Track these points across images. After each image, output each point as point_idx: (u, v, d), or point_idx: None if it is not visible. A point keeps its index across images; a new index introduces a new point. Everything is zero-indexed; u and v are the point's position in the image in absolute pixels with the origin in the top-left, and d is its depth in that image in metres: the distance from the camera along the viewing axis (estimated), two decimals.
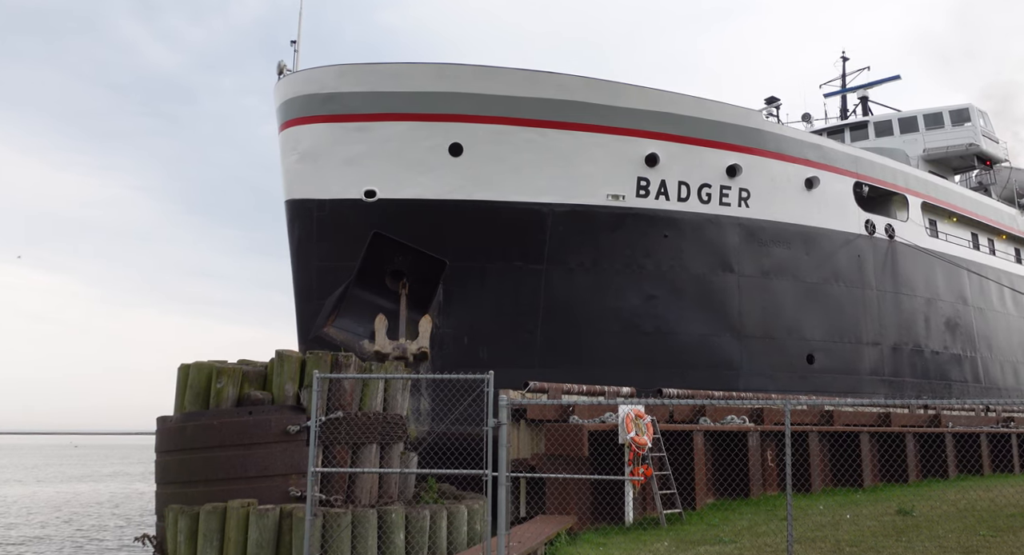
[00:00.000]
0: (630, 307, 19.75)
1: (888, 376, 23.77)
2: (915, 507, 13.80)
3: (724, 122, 21.32)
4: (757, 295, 21.41)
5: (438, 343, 18.50)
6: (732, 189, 21.36)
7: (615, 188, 19.85)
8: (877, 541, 10.60)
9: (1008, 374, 28.83)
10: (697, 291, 20.58)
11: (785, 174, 22.59)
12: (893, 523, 12.23)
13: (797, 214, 22.63)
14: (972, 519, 12.63)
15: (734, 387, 19.88)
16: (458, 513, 10.98)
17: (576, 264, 19.45)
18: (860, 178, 24.81)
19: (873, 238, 24.41)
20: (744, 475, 15.29)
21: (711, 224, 21.02)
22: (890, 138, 33.91)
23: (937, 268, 26.42)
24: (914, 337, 25.05)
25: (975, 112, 34.61)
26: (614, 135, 19.91)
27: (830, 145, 24.77)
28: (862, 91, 39.11)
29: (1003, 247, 32.09)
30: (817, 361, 22.05)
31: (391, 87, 18.62)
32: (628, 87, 20.18)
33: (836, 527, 11.84)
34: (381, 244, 18.63)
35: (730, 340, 20.84)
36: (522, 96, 18.97)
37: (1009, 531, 11.37)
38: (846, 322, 23.22)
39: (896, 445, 19.22)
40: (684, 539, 11.00)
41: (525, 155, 19.06)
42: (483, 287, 18.91)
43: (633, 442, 12.21)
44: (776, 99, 30.78)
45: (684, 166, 20.62)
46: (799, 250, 22.51)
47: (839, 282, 23.29)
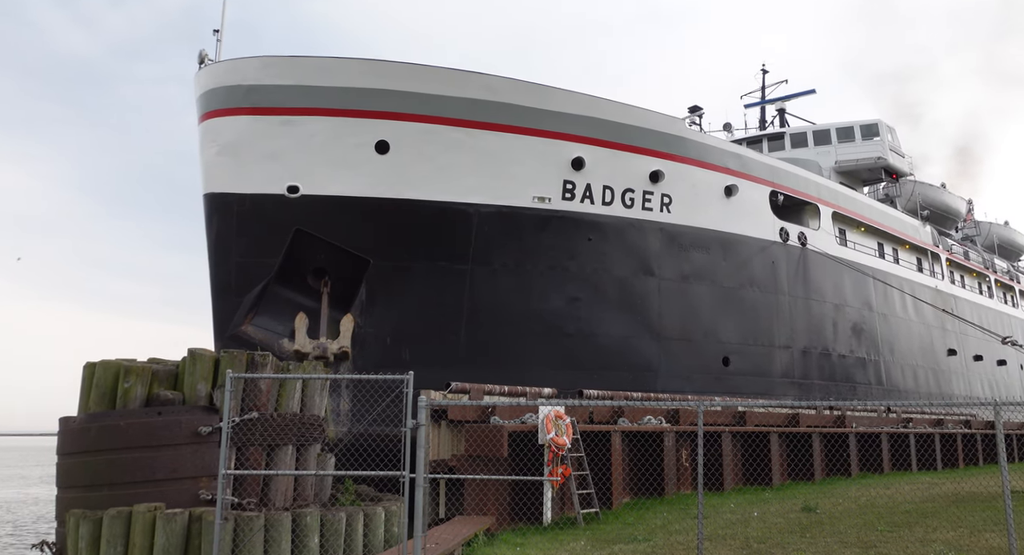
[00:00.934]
0: (553, 309, 19.94)
1: (798, 378, 24.71)
2: (819, 504, 14.39)
3: (649, 129, 21.77)
4: (676, 299, 21.94)
5: (360, 343, 18.27)
6: (655, 194, 21.82)
7: (541, 190, 20.01)
8: (783, 537, 11.01)
9: (908, 377, 30.36)
10: (619, 294, 20.94)
11: (706, 181, 23.22)
12: (798, 520, 12.73)
13: (716, 220, 23.29)
14: (872, 515, 13.25)
15: (653, 388, 20.32)
16: (375, 515, 10.87)
17: (501, 265, 19.52)
18: (776, 187, 25.71)
19: (787, 245, 25.34)
20: (660, 474, 15.65)
21: (634, 228, 21.42)
22: (805, 149, 35.29)
23: (845, 275, 27.61)
24: (823, 341, 26.12)
25: (884, 127, 36.36)
26: (541, 138, 20.08)
27: (749, 155, 25.58)
28: (780, 103, 40.61)
29: (906, 256, 33.79)
30: (732, 363, 22.74)
31: (317, 81, 18.30)
32: (556, 90, 20.39)
33: (745, 524, 12.24)
34: (303, 241, 18.27)
35: (650, 342, 21.29)
36: (450, 95, 18.93)
37: (905, 526, 11.99)
38: (760, 326, 24.02)
39: (803, 445, 20.00)
40: (600, 538, 11.18)
41: (452, 155, 19.02)
42: (407, 287, 18.77)
43: (553, 443, 12.34)
44: (699, 108, 31.62)
45: (609, 170, 20.95)
46: (717, 255, 23.17)
47: (754, 287, 24.07)
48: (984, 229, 49.22)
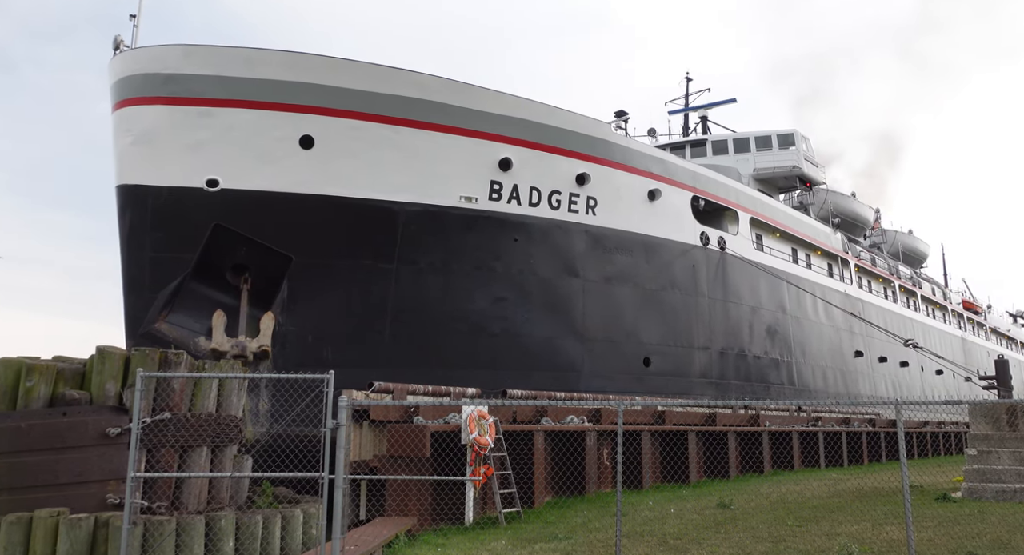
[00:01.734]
0: (479, 309, 19.96)
1: (715, 378, 25.43)
2: (734, 501, 14.85)
3: (576, 131, 22.03)
4: (600, 300, 22.27)
5: (280, 342, 17.88)
6: (581, 197, 22.10)
7: (468, 190, 20.00)
8: (699, 533, 11.33)
9: (818, 377, 31.65)
10: (544, 295, 21.12)
11: (630, 185, 23.66)
12: (714, 516, 13.11)
13: (640, 224, 23.75)
14: (782, 511, 13.77)
15: (576, 388, 20.57)
16: (293, 517, 10.65)
17: (427, 264, 19.42)
18: (698, 192, 26.41)
19: (707, 249, 26.05)
20: (581, 473, 15.86)
21: (559, 230, 21.64)
22: (725, 156, 36.39)
23: (761, 279, 28.58)
24: (739, 342, 26.97)
25: (799, 137, 37.83)
26: (470, 137, 20.07)
27: (672, 160, 26.20)
28: (703, 111, 41.77)
29: (818, 262, 35.22)
30: (653, 364, 23.23)
31: (240, 72, 17.80)
32: (485, 91, 20.41)
33: (663, 521, 12.53)
34: (222, 236, 17.75)
35: (574, 343, 21.55)
36: (379, 92, 18.71)
37: (813, 521, 12.50)
38: (680, 327, 24.62)
39: (720, 443, 20.62)
40: (521, 537, 11.25)
41: (379, 152, 18.82)
42: (330, 285, 18.47)
43: (475, 442, 12.35)
44: (625, 112, 32.13)
45: (536, 172, 21.10)
46: (640, 258, 23.64)
47: (675, 290, 24.66)
48: (890, 237, 51.80)
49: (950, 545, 10.13)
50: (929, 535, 10.85)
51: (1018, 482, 15.35)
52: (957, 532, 11.10)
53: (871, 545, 10.15)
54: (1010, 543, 10.24)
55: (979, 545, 10.01)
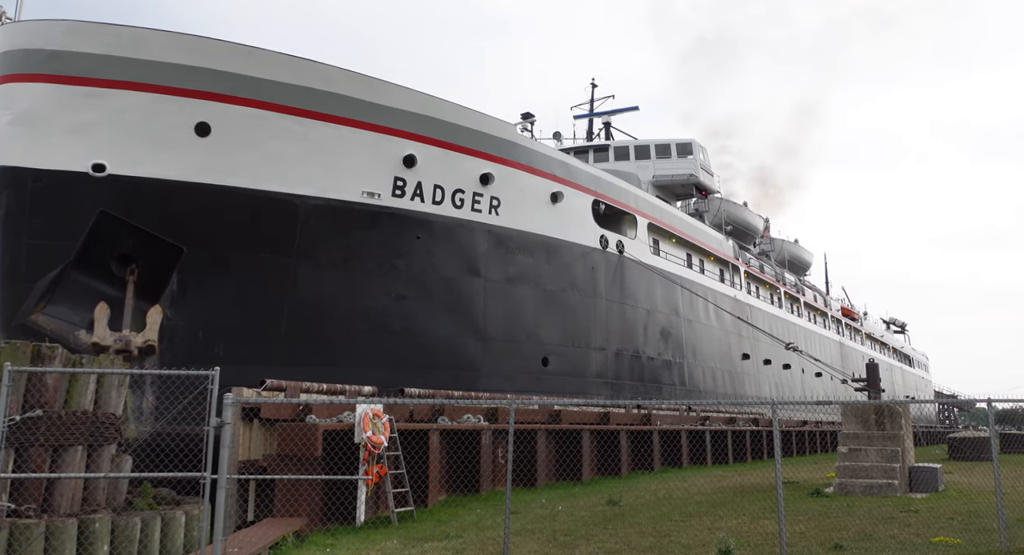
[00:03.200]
0: (380, 306, 19.77)
1: (611, 379, 26.10)
2: (623, 497, 15.31)
3: (482, 131, 22.14)
4: (501, 300, 22.47)
5: (168, 336, 17.17)
6: (484, 196, 22.22)
7: (372, 185, 19.78)
8: (588, 530, 11.62)
9: (708, 378, 32.96)
10: (445, 293, 21.13)
11: (534, 187, 23.97)
12: (603, 512, 13.48)
13: (542, 225, 24.10)
14: (668, 507, 14.29)
15: (475, 387, 20.68)
16: (174, 520, 10.26)
17: (327, 260, 19.08)
18: (599, 197, 27.01)
19: (606, 252, 26.69)
20: (476, 472, 15.96)
21: (462, 229, 21.70)
22: (627, 162, 37.37)
23: (657, 283, 29.51)
24: (634, 344, 27.76)
25: (697, 147, 39.27)
26: (375, 132, 19.84)
27: (575, 164, 26.70)
28: (606, 117, 42.75)
29: (711, 267, 36.67)
30: (551, 364, 23.62)
31: (132, 53, 16.98)
32: (393, 86, 20.23)
33: (554, 519, 12.78)
34: (108, 224, 16.88)
35: (474, 342, 21.65)
36: (282, 81, 18.26)
37: (696, 516, 13.04)
38: (579, 328, 25.13)
39: (612, 441, 21.18)
40: (413, 536, 11.24)
41: (280, 143, 18.35)
42: (225, 278, 17.86)
43: (369, 441, 12.25)
44: (531, 115, 32.62)
45: (441, 170, 21.08)
46: (541, 259, 23.98)
47: (575, 291, 25.15)
48: (778, 246, 54.49)
49: (819, 537, 10.77)
50: (801, 528, 11.50)
51: (884, 478, 16.48)
52: (827, 525, 11.83)
53: (748, 538, 10.68)
54: (873, 534, 10.98)
55: (845, 537, 10.69)
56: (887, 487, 16.20)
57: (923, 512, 13.19)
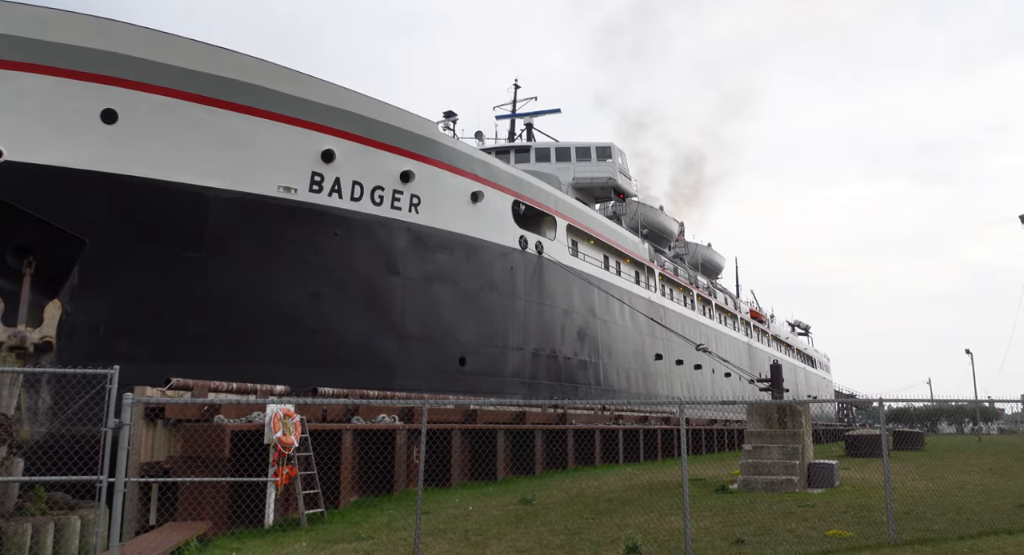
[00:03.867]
0: (294, 304, 19.35)
1: (528, 378, 26.32)
2: (536, 496, 15.47)
3: (403, 128, 21.96)
4: (419, 299, 22.34)
5: (68, 333, 16.34)
6: (404, 194, 22.05)
7: (288, 180, 19.36)
8: (500, 529, 11.70)
9: (622, 378, 33.65)
10: (362, 291, 20.87)
11: (455, 186, 23.94)
12: (516, 511, 13.59)
13: (462, 224, 24.09)
14: (580, 505, 14.53)
15: (391, 387, 20.48)
16: (68, 525, 9.79)
17: (239, 255, 18.54)
18: (519, 197, 27.20)
19: (525, 253, 26.90)
20: (390, 472, 15.84)
21: (381, 226, 21.48)
22: (547, 164, 37.76)
23: (575, 284, 29.94)
24: (551, 344, 28.08)
25: (616, 151, 40.02)
26: (292, 126, 19.42)
27: (496, 164, 26.80)
28: (528, 118, 43.08)
29: (627, 269, 37.44)
30: (468, 363, 23.64)
31: (34, 33, 16.08)
32: (312, 79, 19.85)
33: (466, 518, 12.81)
34: (4, 213, 15.94)
35: (391, 341, 21.45)
36: (195, 69, 17.65)
37: (607, 513, 13.31)
38: (496, 328, 25.24)
39: (527, 441, 21.36)
40: (323, 538, 11.08)
41: (192, 133, 17.74)
42: (130, 273, 17.13)
43: (279, 442, 11.99)
44: (454, 114, 32.48)
45: (360, 166, 20.81)
46: (461, 258, 23.98)
47: (493, 291, 25.25)
48: (691, 249, 56.12)
49: (723, 532, 11.17)
50: (706, 524, 11.89)
51: (784, 474, 17.20)
52: (730, 520, 12.28)
53: (655, 535, 10.97)
54: (772, 529, 11.47)
55: (747, 532, 11.12)
56: (787, 483, 16.91)
57: (819, 507, 13.83)
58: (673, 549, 9.93)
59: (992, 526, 11.42)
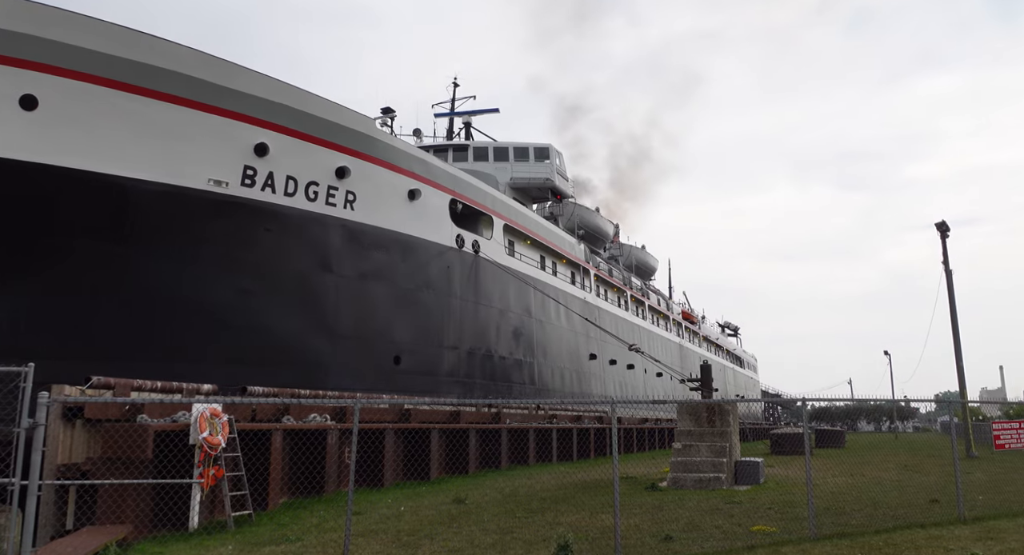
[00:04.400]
0: (223, 301, 18.85)
1: (463, 377, 26.26)
2: (469, 496, 15.44)
3: (340, 124, 21.63)
4: (353, 297, 22.04)
5: None
6: (340, 190, 21.72)
7: (218, 173, 18.84)
8: (432, 529, 11.63)
9: (557, 378, 33.91)
10: (295, 289, 20.46)
11: (391, 183, 23.70)
12: (448, 511, 13.53)
13: (398, 222, 23.87)
14: (512, 504, 14.56)
15: (324, 386, 20.14)
16: None
17: (165, 249, 17.95)
18: (456, 196, 27.11)
19: (462, 252, 26.83)
20: (321, 473, 15.56)
21: (316, 223, 21.10)
22: (485, 164, 37.75)
23: (511, 283, 30.01)
24: (487, 343, 28.09)
25: (554, 152, 40.29)
26: (223, 117, 18.91)
27: (434, 162, 26.65)
28: (467, 117, 42.98)
29: (563, 270, 37.75)
30: (403, 362, 23.43)
31: None
32: (245, 70, 19.37)
33: (398, 519, 12.69)
34: None
35: (324, 340, 21.10)
36: (120, 56, 17.01)
37: (539, 512, 13.37)
38: (432, 327, 25.10)
39: (461, 440, 21.30)
40: (250, 541, 10.81)
41: (117, 122, 17.10)
42: (45, 266, 16.41)
43: (206, 442, 11.65)
44: (392, 110, 32.24)
45: (294, 161, 20.41)
46: (397, 257, 23.75)
47: (429, 290, 25.10)
48: (626, 251, 56.95)
49: (652, 529, 11.35)
50: (636, 521, 12.07)
51: (713, 472, 17.60)
52: (659, 517, 12.49)
53: (586, 533, 11.07)
54: (700, 525, 11.71)
55: (675, 528, 11.33)
56: (715, 480, 17.30)
57: (745, 503, 14.21)
58: (604, 546, 10.04)
59: (905, 520, 11.92)
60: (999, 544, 9.80)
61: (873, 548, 9.65)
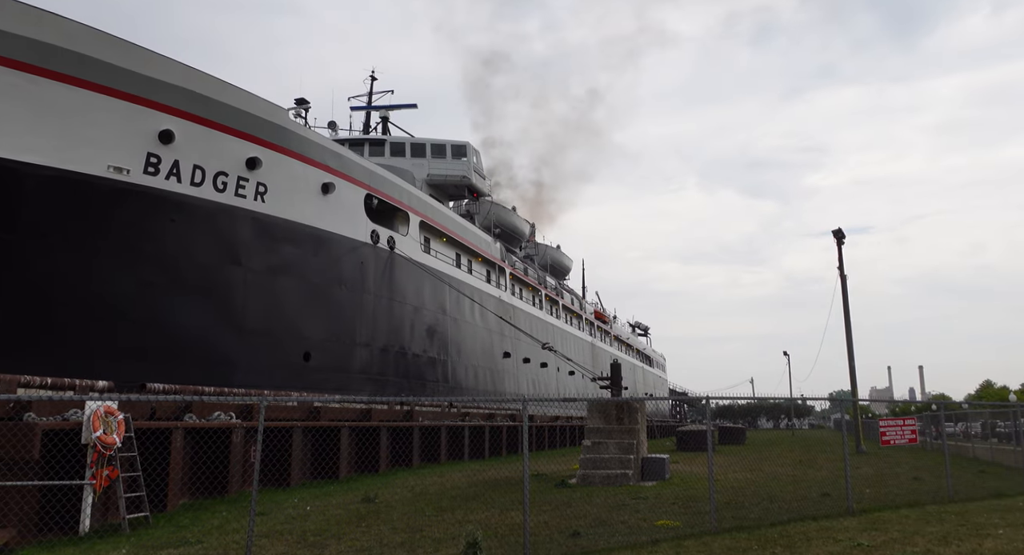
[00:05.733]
0: (123, 293, 18.01)
1: (375, 375, 25.93)
2: (379, 494, 15.28)
3: (251, 113, 20.99)
4: (263, 292, 21.44)
5: None
6: (250, 182, 21.09)
7: (120, 160, 17.99)
8: (340, 528, 11.44)
9: (470, 376, 33.92)
10: (200, 282, 19.74)
11: (305, 176, 23.17)
12: (357, 510, 13.35)
13: (311, 216, 23.36)
14: (423, 502, 14.49)
15: (231, 383, 19.52)
16: None
17: (60, 238, 17.01)
18: (372, 191, 26.75)
19: (376, 248, 26.49)
20: (225, 473, 15.09)
21: (224, 214, 20.42)
22: (402, 159, 37.40)
23: (426, 281, 29.84)
24: (400, 340, 27.83)
25: (471, 150, 40.28)
26: (126, 101, 18.07)
27: (350, 156, 26.20)
28: (384, 112, 42.46)
29: (478, 268, 37.79)
30: (314, 359, 22.94)
31: None
32: (151, 53, 18.55)
33: (305, 519, 12.44)
34: None
35: (230, 335, 20.44)
36: (11, 32, 16.00)
37: (449, 510, 13.34)
38: (344, 323, 24.68)
39: (372, 438, 21.04)
40: (147, 544, 10.38)
41: (10, 103, 16.08)
42: None
43: (99, 441, 11.11)
44: (306, 101, 31.54)
45: (202, 150, 19.69)
46: (309, 251, 23.23)
47: (342, 286, 24.67)
48: (541, 250, 57.50)
49: (560, 525, 11.50)
50: (545, 518, 12.20)
51: (620, 468, 17.98)
52: (567, 514, 12.66)
53: (496, 530, 11.12)
54: (607, 521, 11.94)
55: (583, 524, 11.51)
56: (622, 477, 17.68)
57: (651, 499, 14.58)
58: (513, 543, 10.11)
59: (799, 513, 12.49)
60: (883, 535, 10.39)
61: (769, 540, 10.07)
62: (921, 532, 10.60)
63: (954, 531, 10.67)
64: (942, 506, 13.56)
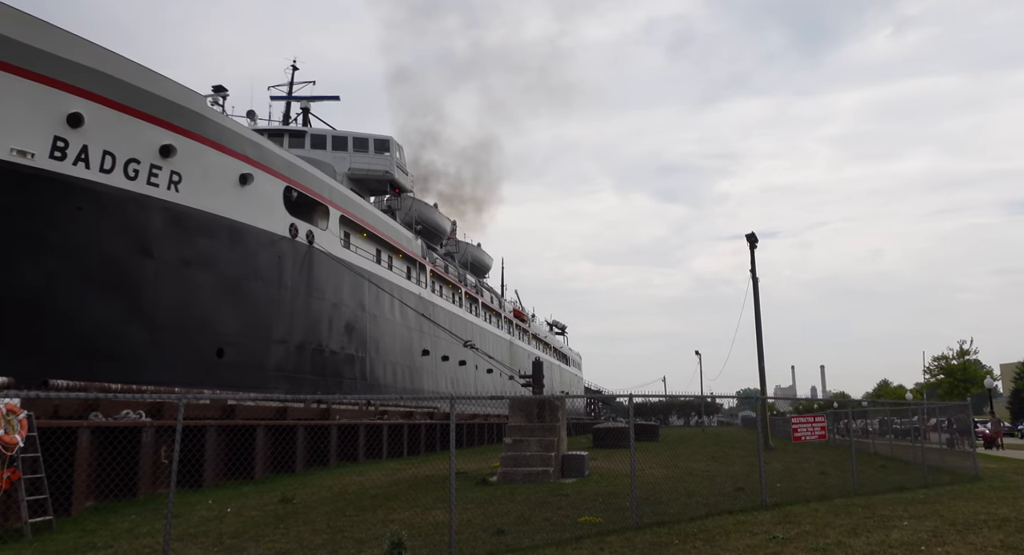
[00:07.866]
0: (24, 284, 17.03)
1: (291, 372, 25.33)
2: (297, 495, 14.93)
3: (166, 98, 20.17)
4: (174, 284, 20.64)
5: None
6: (163, 170, 20.27)
7: (24, 143, 16.99)
8: (258, 530, 11.12)
9: (389, 373, 33.56)
10: (108, 273, 18.86)
11: (222, 165, 22.42)
12: (275, 511, 13.01)
13: (227, 207, 22.63)
14: (343, 502, 14.24)
15: (140, 380, 18.70)
16: None
17: None
18: (291, 184, 26.11)
19: (295, 242, 25.88)
20: (134, 474, 14.44)
21: (135, 203, 19.56)
22: (323, 152, 36.66)
23: (345, 276, 29.34)
24: (318, 337, 27.28)
25: (394, 145, 39.83)
26: (31, 81, 17.09)
27: (269, 146, 25.50)
28: (305, 103, 41.51)
29: (399, 264, 37.42)
30: (227, 355, 22.24)
31: None
32: (60, 31, 17.59)
33: (221, 521, 12.04)
34: None
35: (139, 329, 19.60)
36: None
37: (371, 509, 13.16)
38: (260, 319, 24.00)
39: (289, 437, 20.53)
40: (51, 549, 9.83)
41: None
42: None
43: (0, 442, 10.44)
44: (224, 88, 30.49)
45: (113, 135, 18.80)
46: (224, 244, 22.50)
47: (258, 280, 23.99)
48: (462, 248, 57.43)
49: (484, 523, 11.50)
50: (468, 516, 12.18)
51: (541, 466, 18.13)
52: (491, 511, 12.68)
53: (420, 529, 11.03)
54: (531, 518, 12.01)
55: (507, 522, 11.55)
56: (543, 474, 17.84)
57: (572, 495, 14.75)
58: (437, 542, 10.05)
59: (716, 507, 12.89)
60: (796, 527, 10.84)
61: (689, 535, 10.35)
62: (832, 524, 11.11)
63: (862, 523, 11.22)
64: (849, 499, 14.24)
